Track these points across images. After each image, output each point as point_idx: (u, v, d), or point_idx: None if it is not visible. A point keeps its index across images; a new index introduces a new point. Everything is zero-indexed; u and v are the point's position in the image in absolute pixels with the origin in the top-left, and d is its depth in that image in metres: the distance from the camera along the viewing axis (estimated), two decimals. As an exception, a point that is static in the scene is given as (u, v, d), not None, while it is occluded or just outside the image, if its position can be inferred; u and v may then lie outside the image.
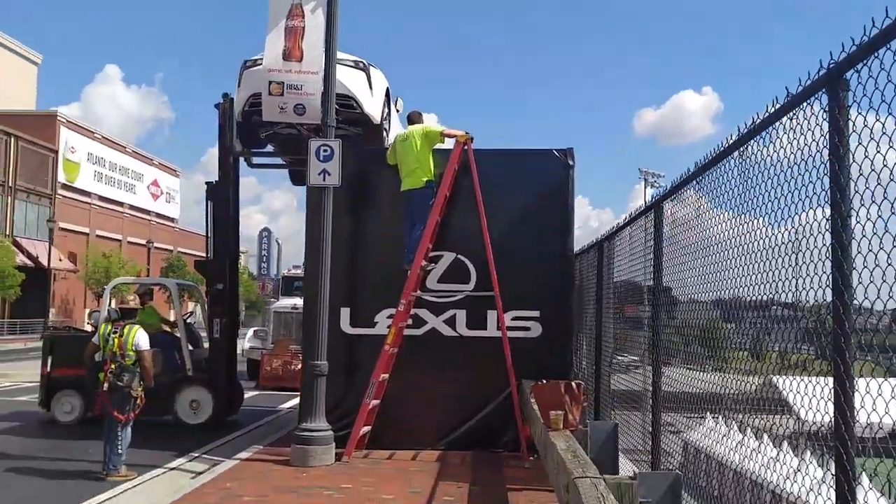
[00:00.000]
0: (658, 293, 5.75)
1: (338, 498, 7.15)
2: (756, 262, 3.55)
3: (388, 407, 9.49)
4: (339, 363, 9.49)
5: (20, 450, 9.91)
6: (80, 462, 9.01)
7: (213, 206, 12.11)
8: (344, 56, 10.60)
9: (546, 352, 9.57)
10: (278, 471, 8.31)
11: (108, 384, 8.39)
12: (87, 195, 52.95)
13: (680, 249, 5.32)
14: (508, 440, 9.48)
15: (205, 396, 11.96)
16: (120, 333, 8.59)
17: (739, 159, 3.80)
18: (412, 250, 9.34)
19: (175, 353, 12.34)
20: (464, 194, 9.65)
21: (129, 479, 8.21)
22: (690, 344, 5.42)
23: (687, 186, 4.91)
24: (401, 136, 9.85)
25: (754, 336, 4.17)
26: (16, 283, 36.12)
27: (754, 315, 4.12)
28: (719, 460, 5.92)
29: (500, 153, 10.28)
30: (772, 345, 3.95)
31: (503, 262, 9.41)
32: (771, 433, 4.92)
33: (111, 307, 11.59)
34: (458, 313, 9.75)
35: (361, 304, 9.88)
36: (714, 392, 4.62)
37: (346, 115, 10.55)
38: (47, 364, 12.23)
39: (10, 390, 17.13)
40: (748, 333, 4.23)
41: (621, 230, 7.62)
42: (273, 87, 9.40)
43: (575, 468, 4.31)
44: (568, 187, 9.99)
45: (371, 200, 10.12)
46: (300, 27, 9.35)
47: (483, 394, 9.63)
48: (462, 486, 7.74)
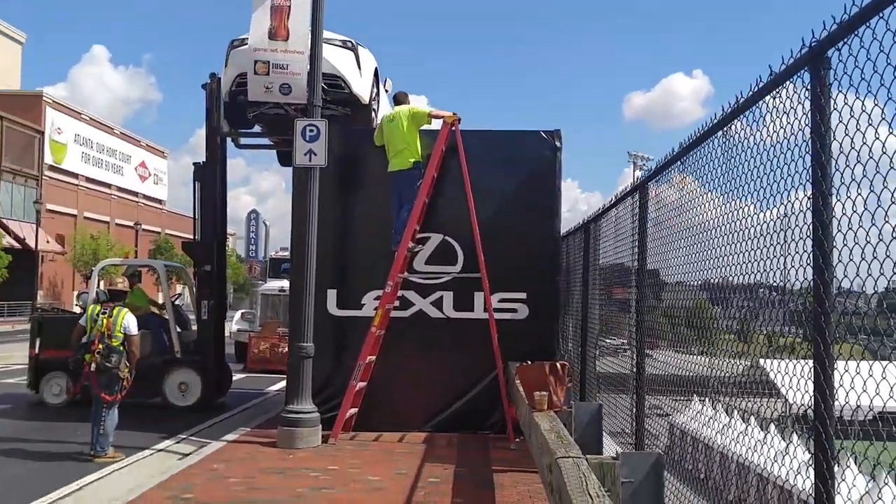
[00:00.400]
0: (642, 275, 5.75)
1: (324, 479, 7.16)
2: (739, 241, 3.54)
3: (375, 389, 9.49)
4: (326, 345, 9.47)
5: (8, 431, 9.88)
6: (68, 444, 8.97)
7: (201, 187, 11.99)
8: (332, 35, 10.50)
9: (533, 334, 9.57)
10: (265, 452, 8.31)
11: (96, 365, 8.34)
12: (75, 177, 52.51)
13: (665, 231, 5.31)
14: (495, 422, 9.50)
15: (193, 378, 11.93)
16: (109, 314, 8.55)
17: (723, 139, 3.78)
18: (399, 231, 9.31)
19: (163, 334, 12.31)
20: (451, 175, 9.61)
21: (117, 461, 8.19)
22: (676, 326, 5.43)
23: (671, 168, 4.89)
24: (387, 117, 9.79)
25: (740, 318, 4.18)
26: (2, 265, 35.86)
27: (739, 296, 4.12)
28: (705, 443, 5.96)
29: (488, 134, 10.24)
30: (758, 326, 3.95)
31: (490, 243, 9.39)
32: (758, 416, 4.94)
33: (100, 289, 11.52)
34: (445, 295, 9.74)
35: (348, 285, 9.86)
36: (700, 374, 4.63)
37: (333, 94, 10.46)
38: (35, 346, 12.16)
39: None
40: (734, 315, 4.24)
41: (607, 212, 7.61)
42: (259, 67, 9.31)
43: (558, 448, 4.31)
44: (555, 169, 9.97)
45: (358, 181, 10.07)
46: (286, 6, 9.25)
47: (470, 376, 9.64)
48: (448, 467, 7.76)
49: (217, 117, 11.27)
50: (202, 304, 11.84)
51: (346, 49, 10.65)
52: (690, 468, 6.11)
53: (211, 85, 11.26)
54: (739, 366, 4.12)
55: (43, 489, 6.99)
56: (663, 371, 5.75)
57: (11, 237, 41.62)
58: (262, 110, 10.88)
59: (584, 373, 8.85)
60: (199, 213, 12.04)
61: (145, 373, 11.48)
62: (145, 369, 11.52)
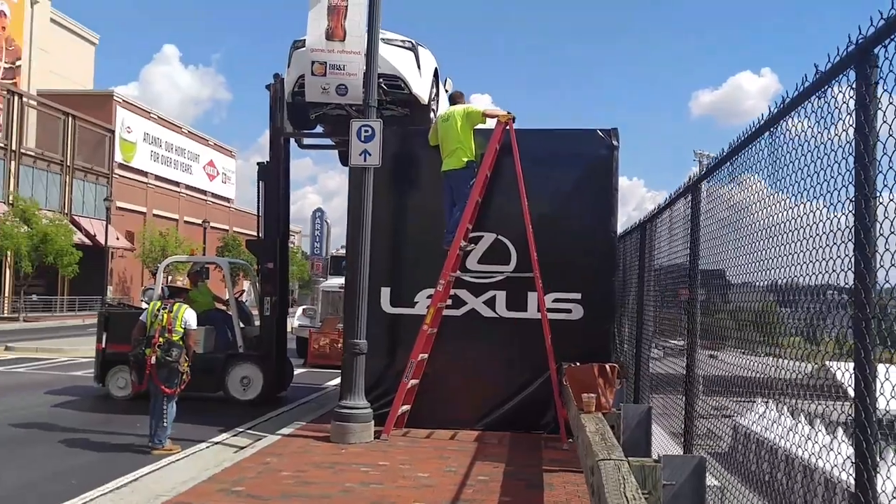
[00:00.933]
0: (695, 275, 5.66)
1: (373, 475, 7.24)
2: (786, 241, 3.46)
3: (428, 386, 9.56)
4: (379, 342, 9.58)
5: (73, 422, 10.25)
6: (129, 436, 9.27)
7: (265, 186, 12.25)
8: (392, 36, 10.61)
9: (587, 334, 9.49)
10: (318, 447, 8.45)
11: (157, 358, 8.59)
12: (144, 175, 54.07)
13: (716, 231, 5.22)
14: (548, 422, 9.46)
15: (255, 373, 12.18)
16: (169, 310, 8.80)
17: (770, 139, 3.70)
18: (452, 230, 9.35)
19: (227, 330, 12.60)
20: (505, 175, 9.60)
21: (173, 453, 8.43)
22: (734, 327, 5.32)
23: (721, 168, 4.80)
24: (442, 117, 9.83)
25: (803, 319, 4.07)
26: (74, 260, 37.09)
27: (793, 297, 4.02)
28: (770, 445, 5.82)
29: (543, 133, 10.18)
30: (824, 329, 3.85)
31: (545, 243, 9.35)
32: (825, 419, 4.81)
33: (163, 285, 11.86)
34: (498, 294, 9.74)
35: (402, 283, 9.94)
36: (763, 376, 4.53)
37: (393, 95, 10.56)
38: (102, 340, 12.53)
39: (66, 365, 17.70)
40: (798, 316, 4.13)
41: (662, 212, 7.50)
42: (315, 68, 9.44)
43: (600, 450, 4.29)
44: (612, 168, 9.86)
45: (413, 181, 10.15)
46: (342, 6, 9.35)
47: (523, 375, 9.63)
48: (498, 465, 7.77)
49: (280, 118, 11.46)
50: (265, 300, 12.09)
51: (406, 49, 10.71)
52: (755, 470, 5.99)
53: (274, 86, 11.45)
54: (800, 368, 4.02)
55: (102, 478, 7.25)
56: (719, 372, 5.64)
57: (83, 234, 43.11)
58: (324, 111, 11.03)
59: (639, 374, 8.74)
60: (263, 211, 12.30)
61: (209, 367, 11.84)
62: (209, 364, 11.88)
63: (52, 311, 41.09)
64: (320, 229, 60.14)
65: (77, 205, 45.61)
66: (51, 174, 43.59)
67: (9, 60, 45.61)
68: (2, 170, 39.66)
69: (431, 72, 11.30)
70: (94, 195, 47.04)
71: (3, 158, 39.80)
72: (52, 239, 35.76)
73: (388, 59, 10.29)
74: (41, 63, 47.98)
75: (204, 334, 12.05)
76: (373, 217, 9.19)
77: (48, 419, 10.45)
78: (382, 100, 10.68)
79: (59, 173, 44.31)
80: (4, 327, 31.58)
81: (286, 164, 12.31)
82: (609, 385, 5.96)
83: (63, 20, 52.27)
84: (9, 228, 34.46)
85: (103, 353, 12.43)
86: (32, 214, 36.05)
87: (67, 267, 37.22)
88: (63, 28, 52.24)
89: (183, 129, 61.37)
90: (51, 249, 35.80)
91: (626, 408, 5.97)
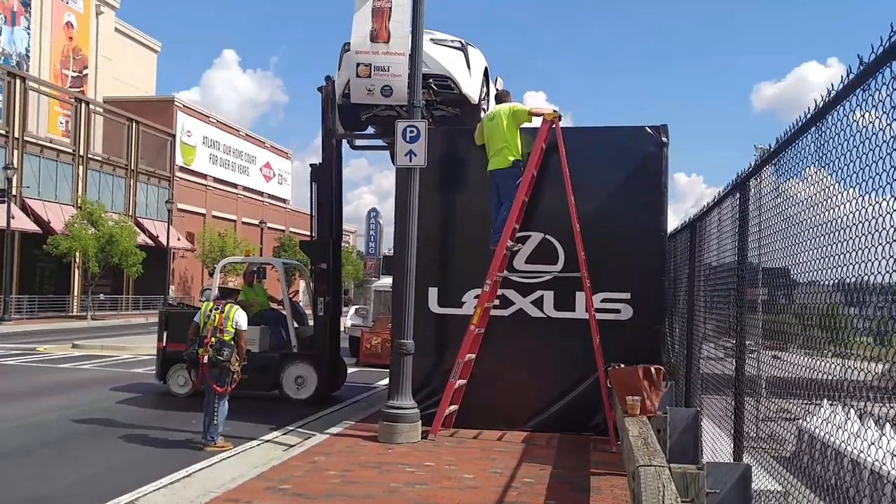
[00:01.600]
0: (742, 273, 5.50)
1: (419, 475, 7.25)
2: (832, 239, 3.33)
3: (476, 387, 9.53)
4: (427, 342, 9.59)
5: (133, 418, 10.54)
6: (184, 432, 9.48)
7: (318, 187, 12.36)
8: (442, 36, 10.62)
9: (637, 335, 9.32)
10: (365, 446, 8.49)
11: (209, 358, 8.76)
12: (203, 177, 55.30)
13: (764, 228, 5.06)
14: (597, 423, 9.34)
15: (309, 372, 12.31)
16: (221, 311, 8.96)
17: (816, 134, 3.57)
18: (498, 230, 9.29)
19: (281, 330, 12.77)
20: (552, 173, 9.50)
21: (225, 450, 8.58)
22: (788, 327, 5.16)
23: (769, 164, 4.65)
24: (488, 116, 9.79)
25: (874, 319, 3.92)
26: (138, 261, 38.21)
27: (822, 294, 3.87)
28: (836, 449, 5.62)
29: (590, 130, 10.05)
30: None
31: (593, 242, 9.23)
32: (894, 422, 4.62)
33: (212, 286, 12.08)
34: (546, 294, 9.64)
35: (449, 283, 9.93)
36: (828, 379, 4.38)
37: (444, 95, 10.57)
38: (163, 339, 12.80)
39: (129, 362, 18.19)
40: (868, 316, 3.98)
41: (711, 210, 7.31)
42: (361, 69, 9.49)
43: (642, 456, 4.19)
44: (661, 165, 9.66)
45: (459, 181, 10.12)
46: (386, 7, 9.38)
47: (571, 376, 9.51)
48: (545, 468, 7.69)
49: (332, 119, 11.56)
50: (318, 300, 12.21)
51: (455, 49, 10.70)
52: (820, 472, 5.80)
53: (326, 88, 11.56)
54: (864, 369, 3.87)
55: (156, 473, 7.43)
56: (777, 373, 5.48)
57: (146, 235, 44.32)
58: (375, 112, 11.09)
59: (690, 376, 8.54)
60: (316, 212, 12.42)
61: (264, 366, 12.03)
62: (264, 363, 12.07)
63: (118, 310, 42.36)
64: (374, 229, 60.55)
65: (140, 207, 46.93)
66: (116, 178, 44.92)
67: (76, 69, 47.15)
68: (71, 174, 41.03)
69: (481, 71, 11.25)
70: (157, 197, 48.32)
71: (72, 163, 41.18)
72: (118, 240, 36.87)
73: (437, 59, 10.29)
74: (106, 71, 49.51)
75: (259, 334, 12.25)
76: (419, 217, 9.20)
77: (109, 415, 10.76)
78: (433, 100, 10.71)
79: (124, 177, 45.62)
80: (73, 325, 32.65)
81: (338, 165, 12.40)
82: (654, 387, 5.83)
83: (127, 29, 53.83)
84: (77, 230, 35.65)
85: (164, 352, 12.70)
86: (99, 217, 37.24)
87: (132, 267, 38.33)
88: (127, 37, 53.80)
89: (240, 132, 62.55)
90: (116, 251, 36.92)
91: (673, 411, 5.83)
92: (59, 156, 40.36)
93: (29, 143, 37.83)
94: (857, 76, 2.96)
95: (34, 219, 36.74)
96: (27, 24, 43.23)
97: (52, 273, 41.01)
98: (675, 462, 5.05)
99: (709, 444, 6.45)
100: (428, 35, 10.50)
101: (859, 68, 2.94)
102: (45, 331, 28.94)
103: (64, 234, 35.69)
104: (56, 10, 45.21)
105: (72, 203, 40.05)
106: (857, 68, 2.94)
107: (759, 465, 5.04)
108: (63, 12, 45.97)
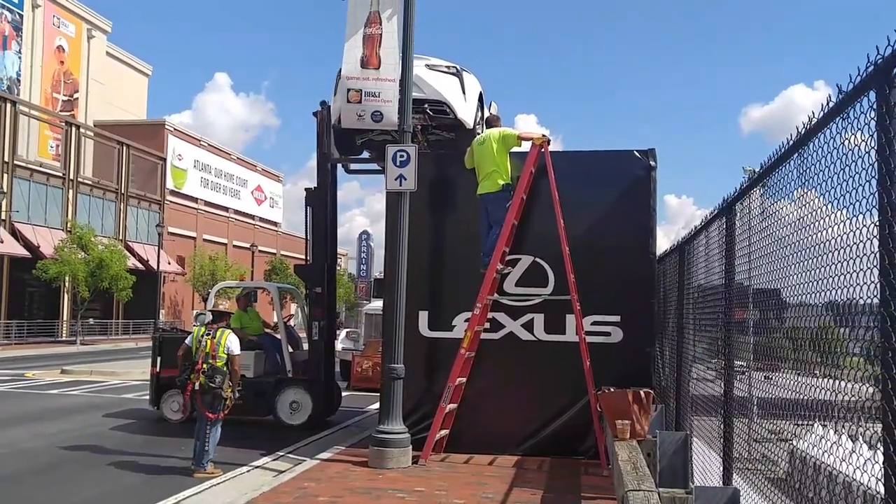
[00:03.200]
0: (730, 295, 5.54)
1: (409, 501, 7.21)
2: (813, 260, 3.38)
3: (467, 411, 9.51)
4: (417, 366, 9.58)
5: (123, 444, 10.48)
6: (173, 458, 9.41)
7: (312, 211, 12.39)
8: (437, 62, 10.74)
9: (627, 358, 9.35)
10: (355, 472, 8.45)
11: (200, 385, 8.72)
12: (194, 201, 55.30)
13: (751, 250, 5.11)
14: (588, 447, 9.32)
15: (304, 397, 12.24)
16: (213, 336, 8.92)
17: (799, 160, 3.62)
18: (488, 253, 9.32)
19: (276, 354, 12.72)
20: (541, 197, 9.56)
21: (214, 476, 8.51)
22: (778, 348, 5.20)
23: (752, 190, 4.71)
24: (478, 140, 9.85)
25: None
26: (128, 285, 38.04)
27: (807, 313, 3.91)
28: (828, 470, 5.62)
29: (579, 154, 10.15)
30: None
31: (582, 265, 9.26)
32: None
33: (206, 310, 12.02)
34: (536, 317, 9.66)
35: (439, 307, 9.94)
36: (817, 398, 4.40)
37: (439, 120, 10.66)
38: (156, 364, 12.69)
39: (118, 387, 18.07)
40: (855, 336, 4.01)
41: (699, 233, 7.37)
42: (351, 95, 9.56)
43: (631, 480, 4.21)
44: (650, 188, 9.74)
45: (449, 204, 10.16)
46: (377, 34, 9.47)
47: (562, 399, 9.51)
48: (536, 492, 7.67)
49: (327, 144, 11.62)
50: (313, 324, 12.19)
51: (450, 75, 10.81)
52: (812, 496, 5.80)
53: (321, 113, 11.63)
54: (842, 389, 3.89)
55: (145, 500, 7.37)
56: (765, 394, 5.50)
57: (136, 259, 44.19)
58: (370, 136, 11.16)
59: (679, 398, 8.56)
60: (311, 236, 12.43)
61: (259, 391, 11.97)
62: (259, 388, 12.02)
63: (107, 335, 42.11)
64: (366, 252, 60.57)
65: (131, 231, 46.84)
66: (106, 202, 44.88)
67: (67, 93, 47.25)
68: (61, 198, 40.96)
69: (476, 96, 11.36)
70: (147, 221, 48.25)
71: (62, 187, 41.12)
72: (108, 264, 36.75)
73: (433, 84, 10.40)
74: (97, 95, 49.62)
75: (254, 358, 12.22)
76: (410, 241, 9.23)
77: (98, 441, 10.68)
78: (428, 124, 10.81)
79: (114, 200, 45.58)
80: (62, 350, 32.44)
81: (333, 189, 12.44)
82: (644, 411, 5.85)
83: (118, 53, 54.04)
84: (67, 255, 35.51)
85: (157, 378, 12.57)
86: (89, 241, 37.14)
87: (122, 291, 38.18)
88: (118, 60, 53.99)
89: (232, 156, 62.65)
90: (106, 275, 36.78)
91: (663, 435, 5.85)
92: (49, 179, 40.31)
93: (19, 167, 37.79)
94: (837, 105, 3.02)
95: (23, 243, 36.60)
96: (18, 48, 43.35)
97: (41, 298, 40.81)
98: (665, 486, 5.08)
99: (700, 465, 6.46)
100: (423, 61, 10.61)
101: (839, 97, 3.00)
102: (34, 356, 28.73)
103: (53, 258, 35.55)
104: (48, 34, 45.36)
105: (61, 227, 39.96)
106: (837, 97, 3.00)
107: (750, 487, 5.05)
108: (55, 36, 46.12)
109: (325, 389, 12.38)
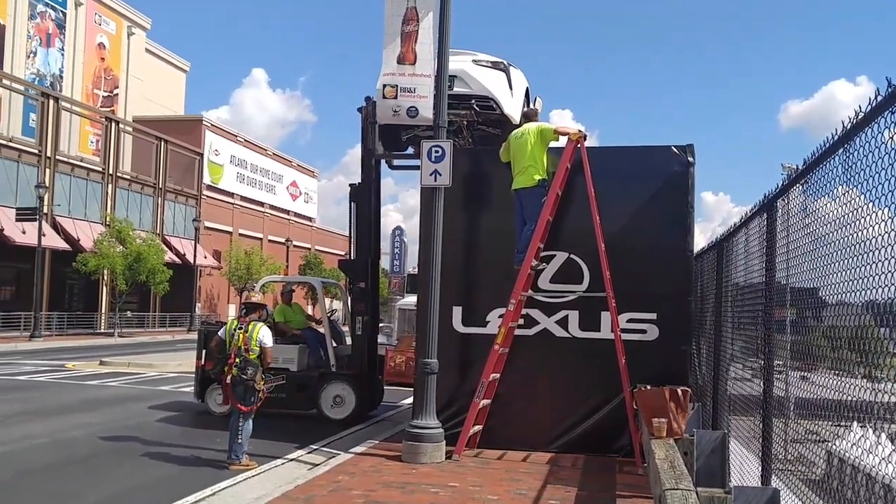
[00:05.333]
0: (770, 294, 5.45)
1: (443, 496, 7.22)
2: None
3: (501, 407, 9.49)
4: (451, 362, 9.58)
5: (160, 436, 10.61)
6: (209, 450, 9.51)
7: (356, 206, 12.42)
8: (484, 57, 10.72)
9: (663, 355, 9.25)
10: (389, 466, 8.48)
11: (232, 377, 8.81)
12: (231, 196, 55.88)
13: (792, 248, 5.01)
14: (623, 445, 9.25)
15: (347, 392, 12.29)
16: (245, 329, 8.99)
17: (844, 155, 3.54)
18: (523, 249, 9.28)
19: (320, 349, 12.80)
20: (577, 193, 9.49)
21: (250, 469, 8.59)
22: (817, 347, 5.10)
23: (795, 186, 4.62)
24: (515, 134, 9.80)
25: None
26: (165, 278, 38.55)
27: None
28: (866, 472, 5.52)
29: (616, 150, 10.08)
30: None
31: (618, 262, 9.18)
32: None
33: (243, 301, 12.10)
34: (571, 314, 9.60)
35: (473, 302, 9.93)
36: (856, 400, 4.32)
37: (486, 115, 10.63)
38: (202, 357, 12.72)
39: (156, 379, 18.33)
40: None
41: (738, 230, 7.26)
42: (387, 91, 9.58)
43: (668, 479, 4.16)
44: (687, 184, 9.61)
45: (484, 200, 10.14)
46: (414, 31, 9.48)
47: (597, 397, 9.45)
48: (570, 490, 7.63)
49: (372, 140, 11.64)
50: (356, 319, 12.25)
51: (498, 70, 10.78)
52: (851, 497, 5.70)
53: (366, 108, 11.63)
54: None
55: (181, 492, 7.44)
56: (805, 394, 5.41)
57: (173, 253, 44.81)
58: (415, 132, 11.16)
59: (717, 397, 8.45)
60: (355, 231, 12.47)
61: (303, 385, 12.08)
62: (303, 382, 12.12)
63: (144, 327, 42.80)
64: (399, 247, 60.70)
65: (168, 225, 47.52)
66: (144, 196, 45.61)
67: (107, 89, 48.00)
68: (100, 193, 41.72)
69: (523, 92, 11.33)
70: (184, 216, 48.91)
71: (101, 182, 41.88)
72: (145, 258, 37.27)
73: (480, 80, 10.40)
74: (136, 91, 50.34)
75: (298, 353, 12.34)
76: (444, 236, 9.23)
77: (135, 432, 10.83)
78: (475, 120, 10.79)
79: (152, 195, 46.30)
80: (101, 342, 33.01)
81: (377, 184, 12.45)
82: (681, 409, 5.78)
83: (157, 50, 54.75)
84: (105, 248, 36.12)
85: (202, 370, 12.60)
86: (127, 235, 37.71)
87: (159, 285, 38.72)
88: (157, 57, 54.70)
89: (267, 151, 63.20)
90: (143, 268, 37.29)
91: (700, 434, 5.78)
92: (89, 174, 41.06)
93: (60, 162, 38.55)
94: (886, 98, 2.94)
95: (64, 236, 37.37)
96: (61, 46, 44.14)
97: (80, 290, 41.62)
98: (703, 485, 5.01)
99: (737, 466, 6.37)
100: (469, 56, 10.60)
101: (888, 90, 2.92)
102: (74, 347, 29.30)
103: (92, 251, 36.18)
104: (89, 31, 46.12)
105: (101, 221, 40.66)
106: (886, 90, 2.93)
107: (787, 488, 4.97)
108: (96, 34, 46.88)
109: (369, 384, 12.44)
